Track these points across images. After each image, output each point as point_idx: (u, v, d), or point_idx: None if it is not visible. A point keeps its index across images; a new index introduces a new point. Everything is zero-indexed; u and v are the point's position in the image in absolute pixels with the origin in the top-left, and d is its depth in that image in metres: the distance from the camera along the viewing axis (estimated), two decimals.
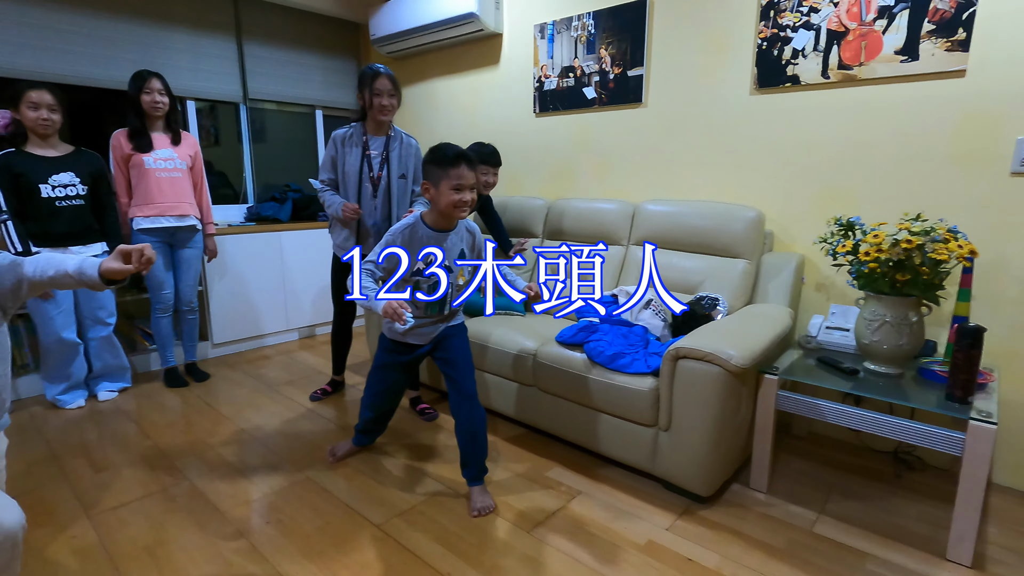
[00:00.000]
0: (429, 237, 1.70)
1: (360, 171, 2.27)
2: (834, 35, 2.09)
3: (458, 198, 1.63)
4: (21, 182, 2.22)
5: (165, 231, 2.61)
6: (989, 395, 1.62)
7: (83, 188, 2.37)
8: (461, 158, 1.63)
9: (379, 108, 2.20)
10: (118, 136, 2.53)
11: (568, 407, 2.07)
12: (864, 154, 2.08)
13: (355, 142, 2.27)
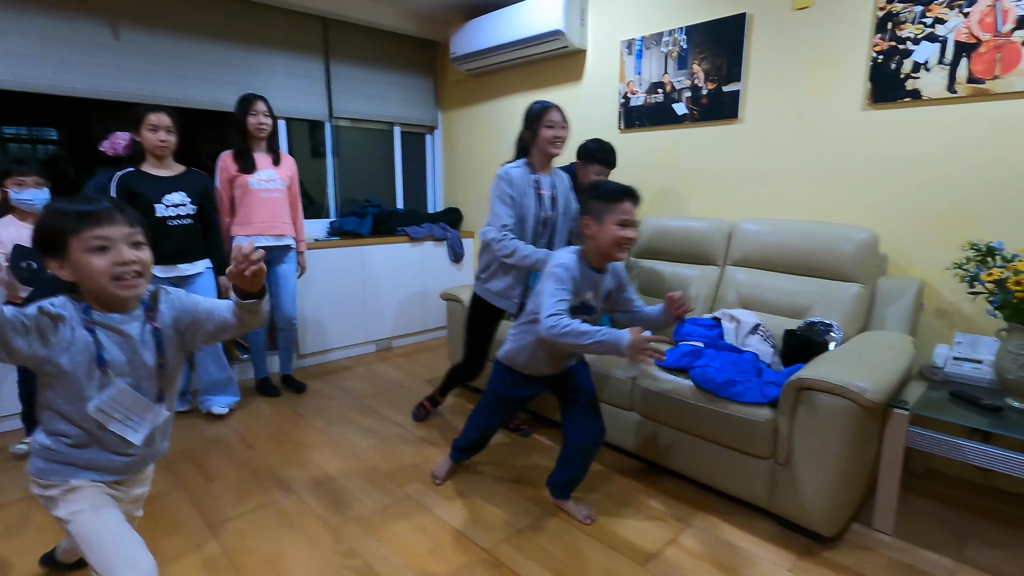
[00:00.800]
0: (590, 278, 1.66)
1: (537, 212, 2.12)
2: (963, 47, 1.97)
3: (622, 235, 1.57)
4: (138, 202, 2.28)
5: (265, 249, 2.69)
6: None
7: (193, 208, 2.43)
8: (627, 194, 1.58)
9: (552, 141, 2.08)
10: (225, 157, 2.64)
11: (672, 435, 2.01)
12: (996, 172, 1.94)
13: (527, 181, 2.11)
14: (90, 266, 1.03)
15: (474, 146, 4.09)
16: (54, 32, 2.70)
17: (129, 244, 1.06)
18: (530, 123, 2.11)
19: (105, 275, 1.04)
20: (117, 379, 1.10)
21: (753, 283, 2.34)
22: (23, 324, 1.00)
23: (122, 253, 1.05)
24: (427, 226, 3.97)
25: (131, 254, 1.06)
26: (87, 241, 1.02)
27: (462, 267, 4.15)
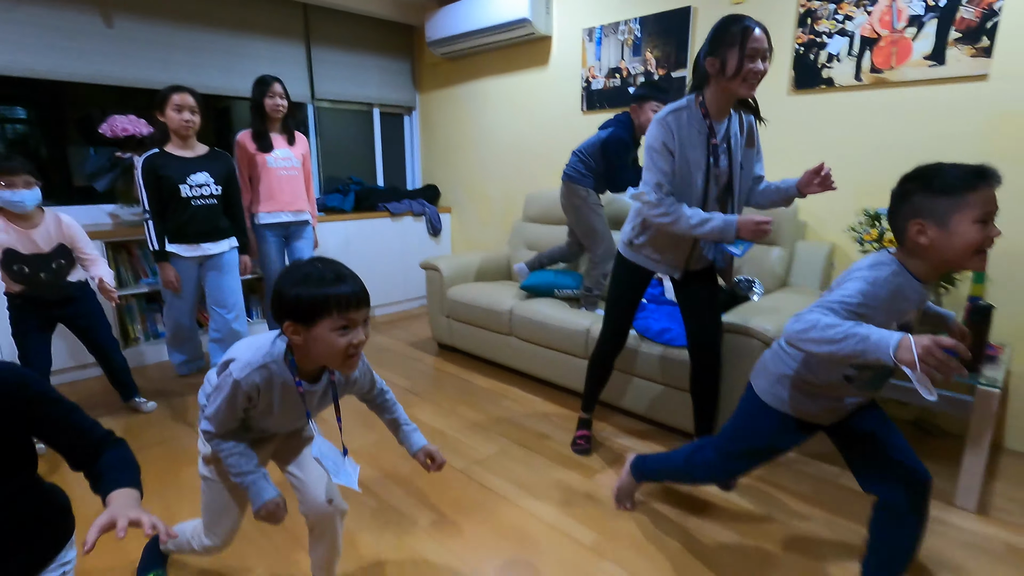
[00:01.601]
0: (916, 294, 1.18)
1: (707, 173, 1.68)
2: (867, 41, 2.29)
3: (984, 237, 1.08)
4: (164, 182, 2.35)
5: (282, 225, 2.88)
6: (998, 366, 1.85)
7: (217, 188, 2.47)
8: (981, 176, 1.07)
9: (751, 77, 1.55)
10: (243, 137, 2.76)
11: (623, 378, 2.35)
12: (894, 151, 2.29)
13: (695, 130, 1.66)
14: (332, 343, 1.05)
15: (450, 126, 4.33)
16: (50, 21, 2.87)
17: (364, 325, 1.09)
18: (720, 46, 1.57)
19: (341, 354, 1.06)
20: None
21: None
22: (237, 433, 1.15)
23: (359, 335, 1.07)
24: (406, 202, 4.22)
25: (364, 335, 1.08)
26: (337, 321, 1.04)
27: (440, 240, 4.43)
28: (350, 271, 1.08)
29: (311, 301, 1.02)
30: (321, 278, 1.03)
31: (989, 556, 1.57)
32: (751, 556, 1.57)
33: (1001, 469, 2.03)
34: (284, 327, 1.07)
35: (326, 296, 1.02)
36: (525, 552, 1.59)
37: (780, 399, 1.35)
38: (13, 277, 2.03)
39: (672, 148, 1.65)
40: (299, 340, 1.06)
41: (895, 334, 1.01)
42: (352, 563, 1.54)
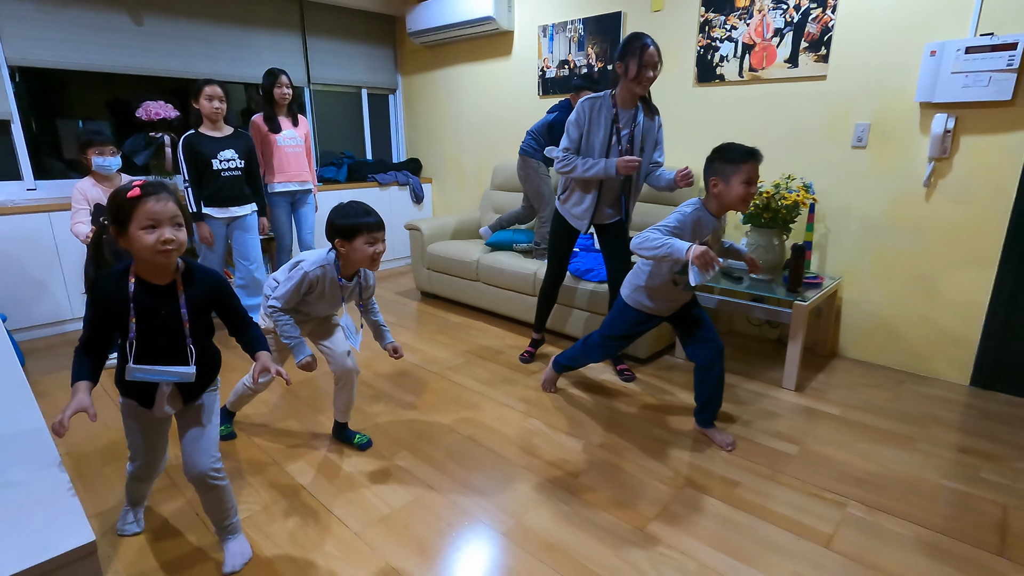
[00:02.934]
0: (712, 225, 1.94)
1: (608, 145, 2.30)
2: (747, 47, 2.96)
3: (747, 191, 1.84)
4: (199, 158, 2.90)
5: (290, 193, 3.46)
6: (817, 290, 2.59)
7: (240, 162, 3.00)
8: (751, 155, 1.83)
9: (644, 80, 2.18)
10: (257, 119, 3.30)
11: (564, 310, 3.07)
12: (765, 132, 2.98)
13: (604, 114, 2.28)
14: (364, 251, 1.71)
15: (430, 105, 4.95)
16: (89, 21, 3.44)
17: (383, 242, 1.74)
18: (625, 56, 2.19)
19: (370, 258, 1.72)
20: None
21: None
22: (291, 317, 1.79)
23: (381, 247, 1.73)
24: (392, 174, 4.86)
25: (383, 247, 1.74)
26: (367, 238, 1.70)
27: (422, 207, 5.09)
28: (374, 209, 1.73)
29: (352, 225, 1.69)
30: (357, 212, 1.71)
31: (794, 415, 2.34)
32: (632, 413, 2.33)
33: (830, 367, 2.80)
34: (334, 243, 1.73)
35: (360, 222, 1.69)
36: (477, 414, 2.33)
37: (637, 301, 2.10)
38: (98, 227, 2.63)
39: (582, 125, 2.33)
40: (343, 251, 1.72)
41: (687, 244, 1.77)
42: (360, 422, 2.26)
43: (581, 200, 2.45)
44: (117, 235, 1.25)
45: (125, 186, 1.24)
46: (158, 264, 1.27)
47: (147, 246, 1.21)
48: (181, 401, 1.43)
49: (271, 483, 1.87)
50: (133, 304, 1.27)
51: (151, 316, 1.29)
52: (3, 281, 3.05)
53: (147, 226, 1.21)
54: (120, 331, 1.30)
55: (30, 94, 3.40)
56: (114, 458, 2.01)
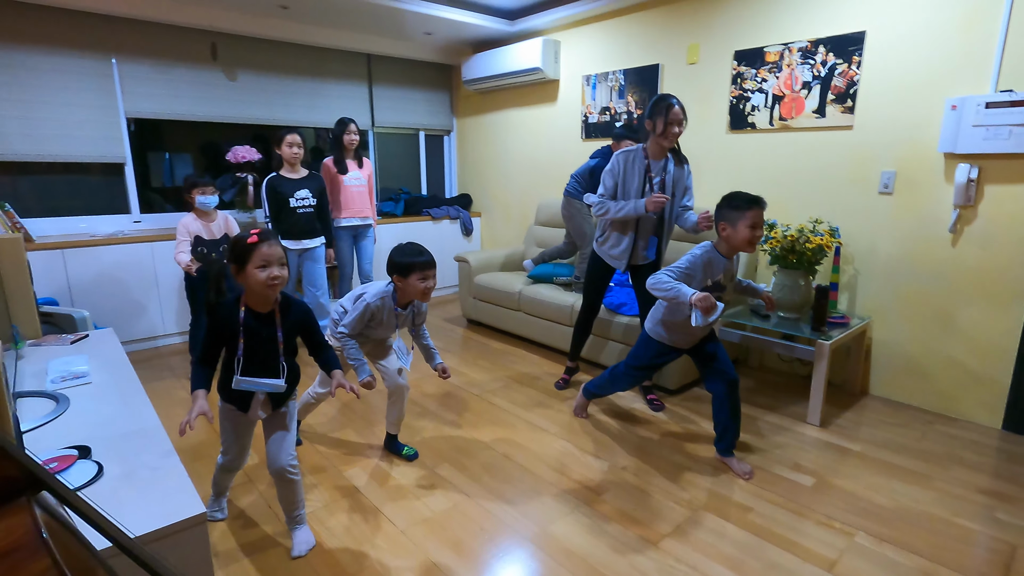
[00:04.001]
0: (722, 265, 2.15)
1: (642, 192, 2.56)
2: (776, 98, 3.14)
3: (753, 234, 2.04)
4: (279, 197, 3.33)
5: (353, 228, 3.82)
6: (843, 329, 2.69)
7: (313, 200, 3.41)
8: (755, 202, 2.04)
9: (671, 136, 2.44)
10: (328, 162, 3.70)
11: (600, 341, 3.28)
12: (794, 177, 3.13)
13: (637, 165, 2.55)
14: (417, 286, 2.00)
15: (481, 146, 5.33)
16: (192, 78, 4.00)
17: (433, 278, 2.04)
18: (653, 115, 2.45)
19: (421, 292, 2.02)
20: None
21: None
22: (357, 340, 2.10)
23: (431, 283, 2.02)
24: (445, 208, 5.24)
25: (433, 283, 2.03)
26: (419, 275, 1.99)
27: (471, 239, 5.43)
28: (427, 249, 2.02)
29: (408, 263, 2.00)
30: (412, 252, 2.01)
31: (815, 449, 2.44)
32: (657, 440, 2.49)
33: (859, 405, 2.87)
34: (393, 277, 2.04)
35: (415, 261, 2.00)
36: (513, 434, 2.55)
37: (657, 333, 2.29)
38: (196, 256, 3.05)
39: (616, 175, 2.60)
40: (400, 285, 2.04)
41: (691, 290, 2.03)
42: (408, 436, 2.53)
43: (619, 242, 2.67)
44: (236, 272, 1.55)
45: (245, 234, 1.56)
46: (265, 296, 1.57)
47: (260, 281, 1.52)
48: (270, 407, 1.73)
49: (331, 484, 2.15)
50: (242, 328, 1.58)
51: (255, 338, 1.60)
52: (110, 300, 3.55)
53: (261, 265, 1.51)
54: (228, 349, 1.60)
55: (137, 139, 3.96)
56: (202, 456, 2.35)
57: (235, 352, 1.59)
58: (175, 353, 3.67)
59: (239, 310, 1.58)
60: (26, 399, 1.66)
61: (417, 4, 3.90)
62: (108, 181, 3.86)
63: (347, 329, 2.09)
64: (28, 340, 2.17)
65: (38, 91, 3.44)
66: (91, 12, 3.53)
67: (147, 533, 1.10)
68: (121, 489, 1.24)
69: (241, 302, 1.59)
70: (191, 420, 1.43)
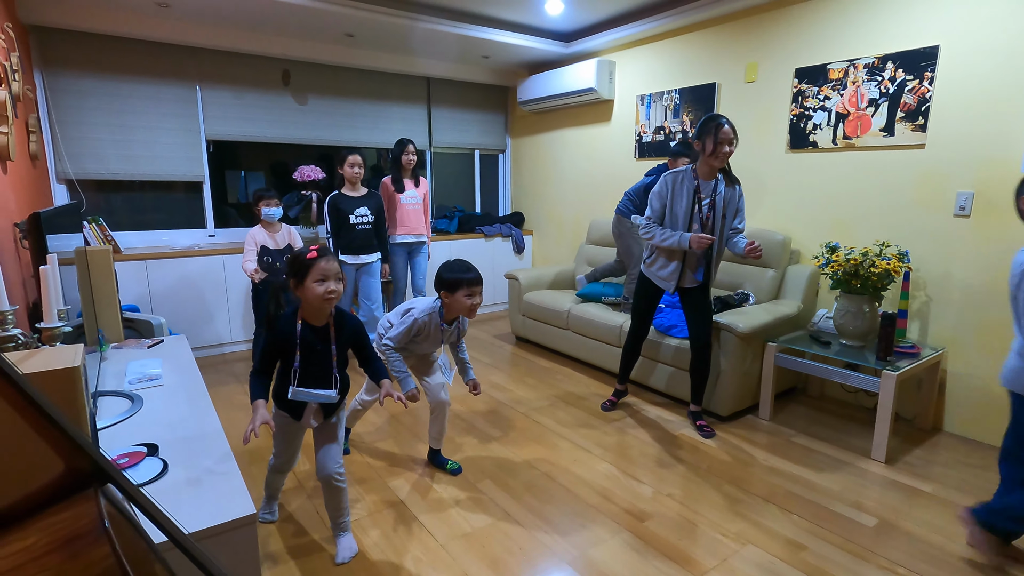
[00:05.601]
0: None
1: (690, 214, 2.53)
2: (840, 116, 3.02)
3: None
4: (340, 214, 3.45)
5: (408, 244, 3.93)
6: (912, 360, 2.52)
7: (371, 217, 3.53)
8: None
9: (721, 155, 2.41)
10: (386, 180, 3.84)
11: (649, 363, 3.22)
12: (859, 198, 2.99)
13: (686, 185, 2.52)
14: (464, 303, 2.05)
15: (534, 165, 5.39)
16: (265, 103, 4.28)
17: (480, 295, 2.09)
18: (703, 135, 2.44)
19: (468, 309, 2.07)
20: None
21: None
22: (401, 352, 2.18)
23: (478, 299, 2.07)
24: (497, 226, 5.31)
25: (480, 299, 2.09)
26: (466, 291, 2.04)
27: (522, 257, 5.48)
28: (474, 266, 2.06)
29: (455, 280, 2.05)
30: (459, 269, 2.06)
31: (880, 487, 2.28)
32: (706, 467, 2.41)
33: (931, 442, 2.66)
34: (440, 293, 2.09)
35: (462, 278, 2.05)
36: (556, 454, 2.54)
37: None
38: (262, 265, 3.23)
39: (664, 197, 2.59)
40: (447, 300, 2.09)
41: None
42: (452, 450, 2.56)
43: (666, 265, 2.65)
44: (295, 286, 1.62)
45: (304, 249, 1.64)
46: (321, 309, 1.65)
47: (317, 295, 1.59)
48: (322, 416, 1.80)
49: (375, 494, 2.21)
50: (299, 340, 1.65)
51: (310, 350, 1.67)
52: (184, 308, 3.81)
53: (319, 279, 1.58)
54: (285, 360, 1.68)
55: (214, 159, 4.26)
56: (257, 460, 2.47)
57: (291, 363, 1.66)
58: (239, 360, 3.89)
59: (296, 323, 1.65)
60: (106, 398, 1.80)
61: (476, 29, 4.03)
62: (188, 198, 4.17)
63: (392, 342, 2.15)
64: (111, 343, 2.36)
65: (133, 116, 3.78)
66: (181, 45, 3.86)
67: (200, 530, 1.17)
68: (181, 486, 1.32)
69: (298, 316, 1.66)
70: (255, 428, 1.50)
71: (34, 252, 1.96)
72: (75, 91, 3.59)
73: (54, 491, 0.65)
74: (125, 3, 3.37)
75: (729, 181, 2.55)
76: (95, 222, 3.51)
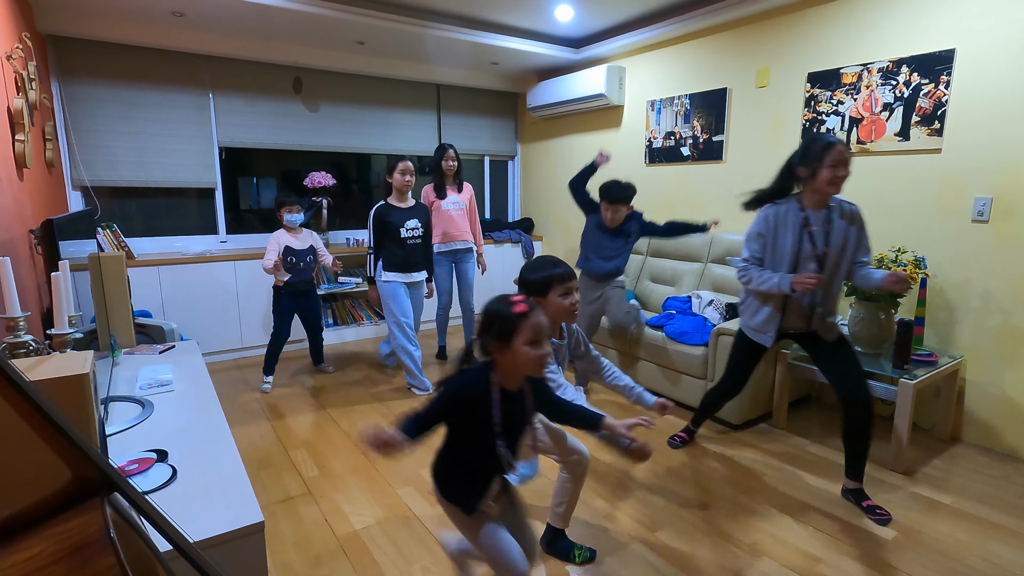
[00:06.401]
0: None
1: (798, 249, 2.11)
2: (854, 120, 2.98)
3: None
4: (388, 226, 3.15)
5: (452, 252, 3.72)
6: (930, 368, 2.47)
7: (421, 231, 3.24)
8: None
9: (830, 181, 2.00)
10: (427, 188, 3.66)
11: (652, 368, 3.19)
12: (874, 203, 2.95)
13: (791, 217, 2.12)
14: (560, 304, 1.60)
15: (544, 170, 5.39)
16: (277, 110, 4.31)
17: (575, 292, 1.64)
18: (807, 159, 2.06)
19: (567, 310, 1.61)
20: None
21: (723, 275, 3.45)
22: None
23: (574, 297, 1.63)
24: (507, 232, 5.31)
25: (577, 297, 1.64)
26: (559, 289, 1.59)
27: None
28: (562, 260, 1.64)
29: (545, 279, 1.61)
30: (546, 264, 1.64)
31: (898, 498, 2.23)
32: (724, 476, 2.37)
33: (950, 453, 2.61)
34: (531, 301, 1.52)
35: (552, 274, 1.61)
36: None
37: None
38: (285, 266, 3.20)
39: (765, 236, 2.18)
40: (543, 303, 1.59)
41: None
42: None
43: (758, 310, 2.27)
44: (496, 348, 1.25)
45: (503, 303, 1.27)
46: (528, 374, 1.29)
47: (531, 360, 1.22)
48: (507, 500, 1.39)
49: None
50: (502, 410, 1.27)
51: (509, 419, 1.30)
52: (196, 313, 3.84)
53: (532, 341, 1.22)
54: (460, 432, 1.31)
55: (225, 166, 4.29)
56: (267, 466, 2.47)
57: (473, 438, 1.29)
58: (249, 366, 3.90)
59: (489, 387, 1.27)
60: (117, 403, 1.81)
61: (486, 36, 4.04)
62: (200, 204, 4.21)
63: (560, 376, 1.68)
64: (124, 348, 2.38)
65: (147, 124, 3.83)
66: (195, 53, 3.90)
67: (208, 538, 1.17)
68: (190, 493, 1.32)
69: (492, 380, 1.28)
70: (383, 439, 1.19)
71: (47, 259, 1.98)
72: (91, 99, 3.65)
73: (61, 500, 0.65)
74: (141, 12, 3.41)
75: (842, 209, 2.14)
76: (109, 228, 3.55)
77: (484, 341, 1.27)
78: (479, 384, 1.27)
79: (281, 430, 2.84)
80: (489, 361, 1.29)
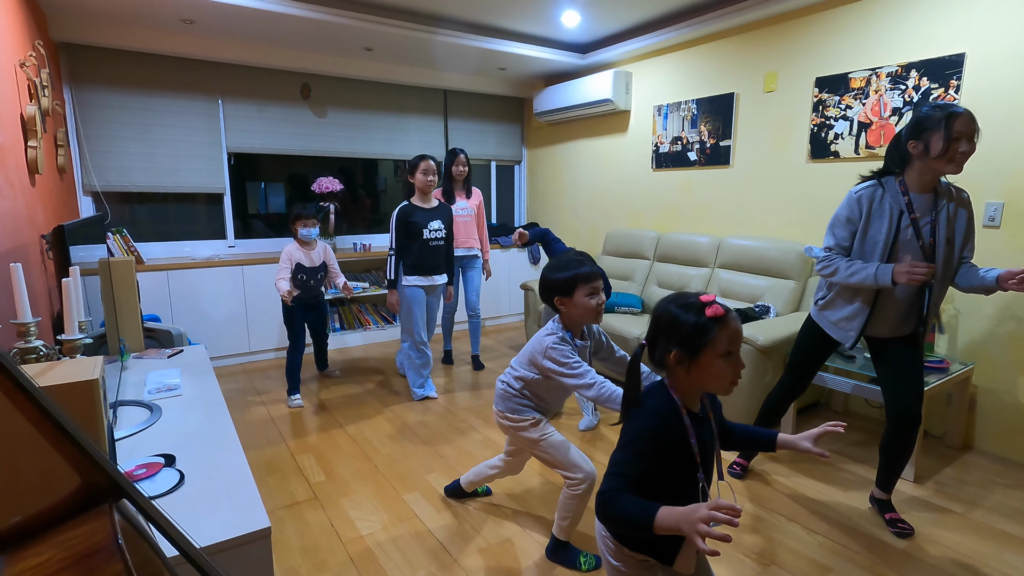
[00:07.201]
0: None
1: (893, 241, 1.82)
2: (863, 125, 2.97)
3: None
4: (412, 228, 3.06)
5: (459, 259, 3.68)
6: (941, 375, 2.45)
7: (444, 232, 3.16)
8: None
9: (957, 156, 1.70)
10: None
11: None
12: None
13: (889, 202, 1.83)
14: (586, 304, 1.57)
15: (550, 175, 5.39)
16: (285, 115, 4.34)
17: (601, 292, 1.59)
18: (924, 131, 1.73)
19: (593, 310, 1.56)
20: None
21: (731, 280, 3.44)
22: None
23: (600, 297, 1.57)
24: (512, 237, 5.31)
25: (603, 297, 1.58)
26: (584, 288, 1.55)
27: (538, 267, 5.45)
28: (587, 256, 1.58)
29: (570, 278, 1.55)
30: (570, 263, 1.58)
31: (909, 507, 2.21)
32: (742, 478, 2.35)
33: (962, 461, 2.57)
34: (554, 303, 1.57)
35: (578, 274, 1.55)
36: None
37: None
38: (295, 283, 3.06)
39: (855, 221, 1.87)
40: (565, 309, 1.59)
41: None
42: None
43: (844, 306, 1.98)
44: (679, 361, 1.05)
45: (687, 302, 1.06)
46: (720, 391, 1.08)
47: (724, 376, 1.04)
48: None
49: None
50: (695, 440, 1.07)
51: (703, 446, 1.10)
52: (204, 318, 3.86)
53: (725, 353, 1.02)
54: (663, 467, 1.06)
55: (234, 172, 4.33)
56: (274, 471, 2.48)
57: (673, 475, 1.08)
58: (257, 370, 3.92)
59: (677, 411, 1.08)
60: (126, 408, 1.82)
61: (493, 42, 4.06)
62: (209, 209, 4.24)
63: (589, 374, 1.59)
64: (132, 352, 2.39)
65: (157, 130, 3.87)
66: (205, 60, 3.94)
67: (215, 543, 1.17)
68: (197, 498, 1.32)
69: (676, 401, 1.09)
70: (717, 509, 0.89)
71: (58, 264, 2.00)
72: (102, 106, 3.69)
73: (69, 506, 0.65)
74: (152, 20, 3.46)
75: (950, 193, 1.85)
76: (119, 233, 3.58)
77: (661, 352, 1.08)
78: (670, 410, 1.07)
79: (288, 435, 2.85)
80: (663, 379, 1.11)
